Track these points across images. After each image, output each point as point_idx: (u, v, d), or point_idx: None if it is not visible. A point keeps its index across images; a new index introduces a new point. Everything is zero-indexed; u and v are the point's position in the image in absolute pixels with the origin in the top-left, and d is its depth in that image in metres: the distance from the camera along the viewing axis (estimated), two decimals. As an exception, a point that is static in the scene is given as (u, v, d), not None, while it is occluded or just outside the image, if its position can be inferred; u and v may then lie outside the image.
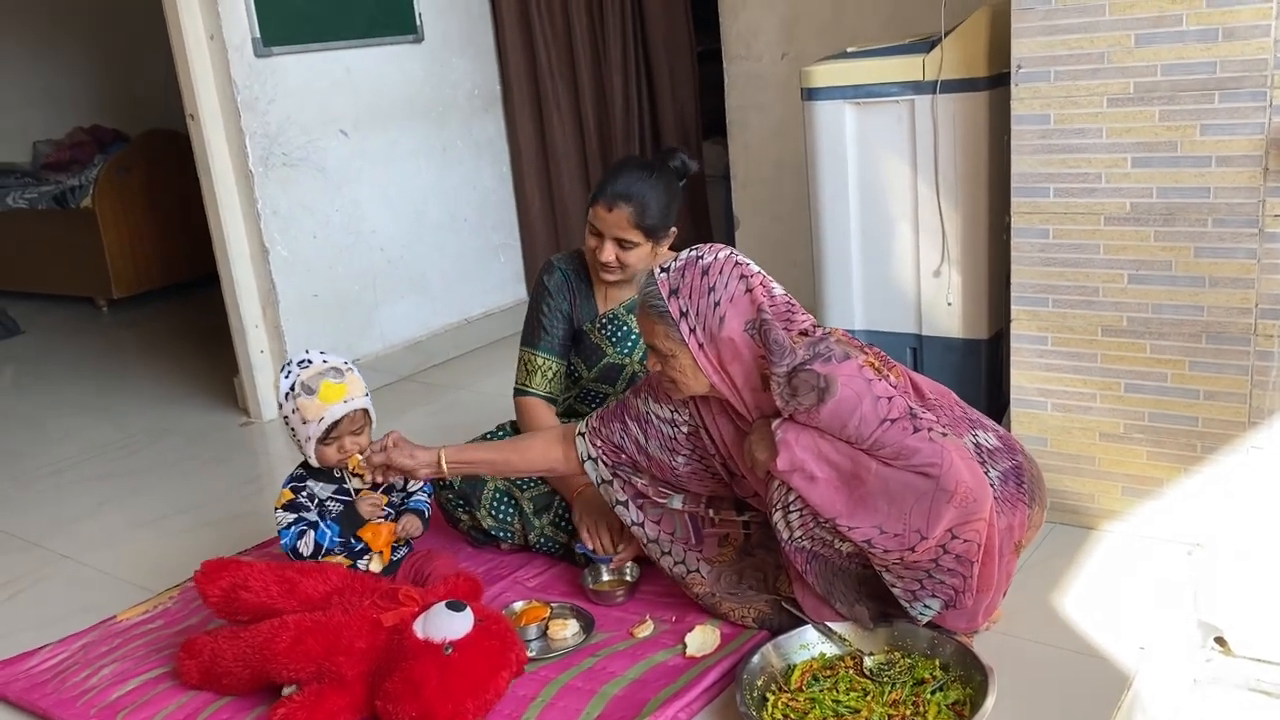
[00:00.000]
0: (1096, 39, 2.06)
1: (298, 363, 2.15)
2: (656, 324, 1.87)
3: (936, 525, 1.68)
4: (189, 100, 3.32)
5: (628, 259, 2.29)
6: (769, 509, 1.85)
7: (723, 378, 1.86)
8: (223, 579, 2.00)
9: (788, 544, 1.84)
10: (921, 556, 1.73)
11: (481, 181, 4.16)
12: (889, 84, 2.51)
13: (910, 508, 1.68)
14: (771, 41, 3.59)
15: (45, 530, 2.86)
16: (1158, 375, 2.16)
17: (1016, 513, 1.85)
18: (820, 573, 1.86)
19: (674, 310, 1.85)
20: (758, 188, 3.78)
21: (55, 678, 2.08)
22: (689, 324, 1.84)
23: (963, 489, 1.67)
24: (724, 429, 1.96)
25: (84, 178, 5.39)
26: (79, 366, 4.51)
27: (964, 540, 1.71)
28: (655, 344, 1.89)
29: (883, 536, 1.71)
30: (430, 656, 1.77)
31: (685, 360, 1.86)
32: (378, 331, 3.83)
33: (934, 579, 1.77)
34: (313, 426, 2.10)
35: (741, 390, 1.86)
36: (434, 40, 3.90)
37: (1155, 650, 1.87)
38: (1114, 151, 2.10)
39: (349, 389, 2.13)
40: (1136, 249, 2.12)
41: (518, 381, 2.44)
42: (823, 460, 1.73)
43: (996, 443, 1.91)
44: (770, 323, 1.80)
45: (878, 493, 1.70)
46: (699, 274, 1.85)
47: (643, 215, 2.25)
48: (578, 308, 2.43)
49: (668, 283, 1.87)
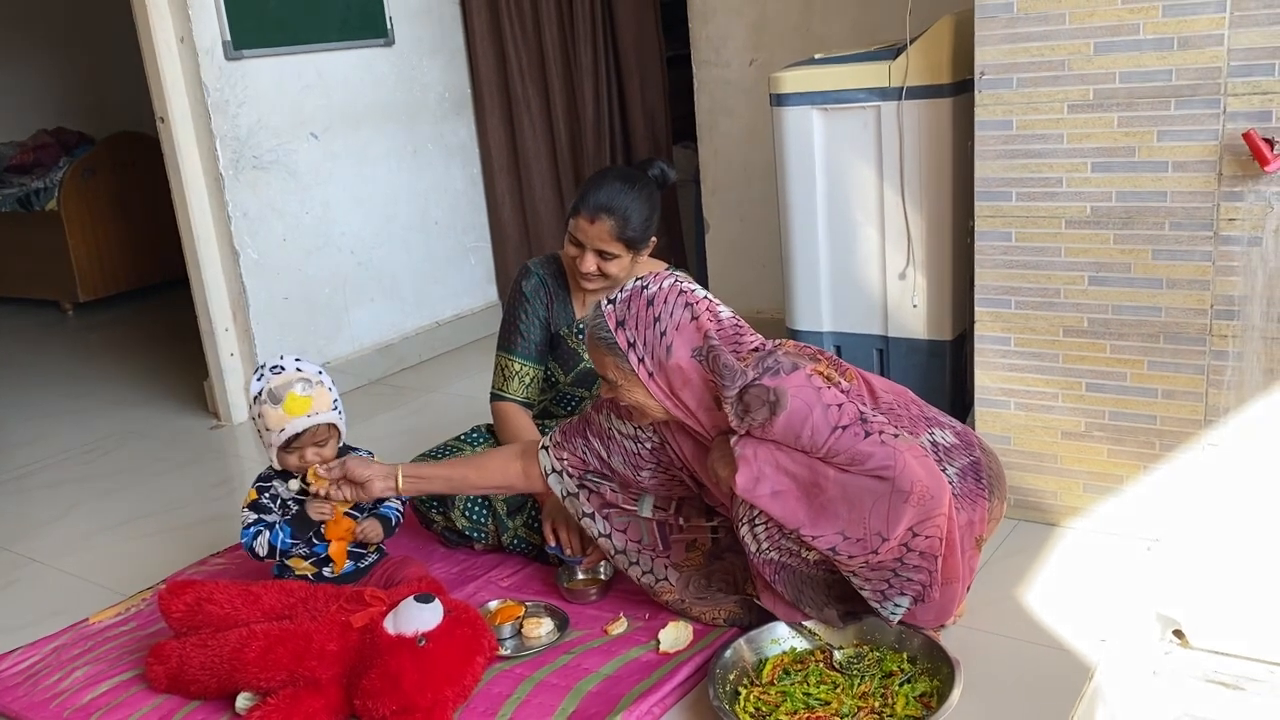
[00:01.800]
0: (1057, 47, 2.11)
1: (270, 368, 2.13)
2: (606, 355, 1.89)
3: (896, 526, 1.71)
4: (159, 103, 3.31)
5: (608, 269, 2.30)
6: (735, 523, 1.88)
7: (675, 403, 1.87)
8: (187, 594, 2.01)
9: (756, 556, 1.87)
10: (885, 557, 1.76)
11: (452, 184, 4.18)
12: (856, 90, 2.55)
13: (869, 511, 1.71)
14: (740, 47, 3.64)
15: (12, 534, 2.84)
16: (1118, 375, 2.21)
17: (977, 508, 1.89)
18: (789, 581, 1.89)
19: (621, 342, 1.86)
20: (727, 192, 3.82)
21: (27, 680, 2.07)
22: (637, 354, 1.86)
23: (918, 488, 1.70)
24: (685, 446, 1.98)
25: (49, 180, 5.34)
26: (45, 371, 4.47)
27: (926, 537, 1.75)
28: (606, 375, 1.91)
29: (846, 543, 1.74)
30: (405, 650, 1.79)
31: (637, 389, 1.88)
32: (348, 334, 3.83)
33: (900, 577, 1.80)
34: (274, 435, 2.10)
35: (696, 412, 1.88)
36: (405, 43, 3.91)
37: (1116, 643, 1.92)
38: (1074, 156, 2.15)
39: (314, 403, 2.11)
40: (1096, 251, 2.17)
41: (494, 386, 2.45)
42: (782, 472, 1.76)
43: (954, 439, 1.95)
44: (718, 348, 1.82)
45: (838, 499, 1.73)
46: (644, 304, 1.87)
47: (624, 228, 2.25)
48: (554, 313, 2.44)
49: (614, 314, 1.88)
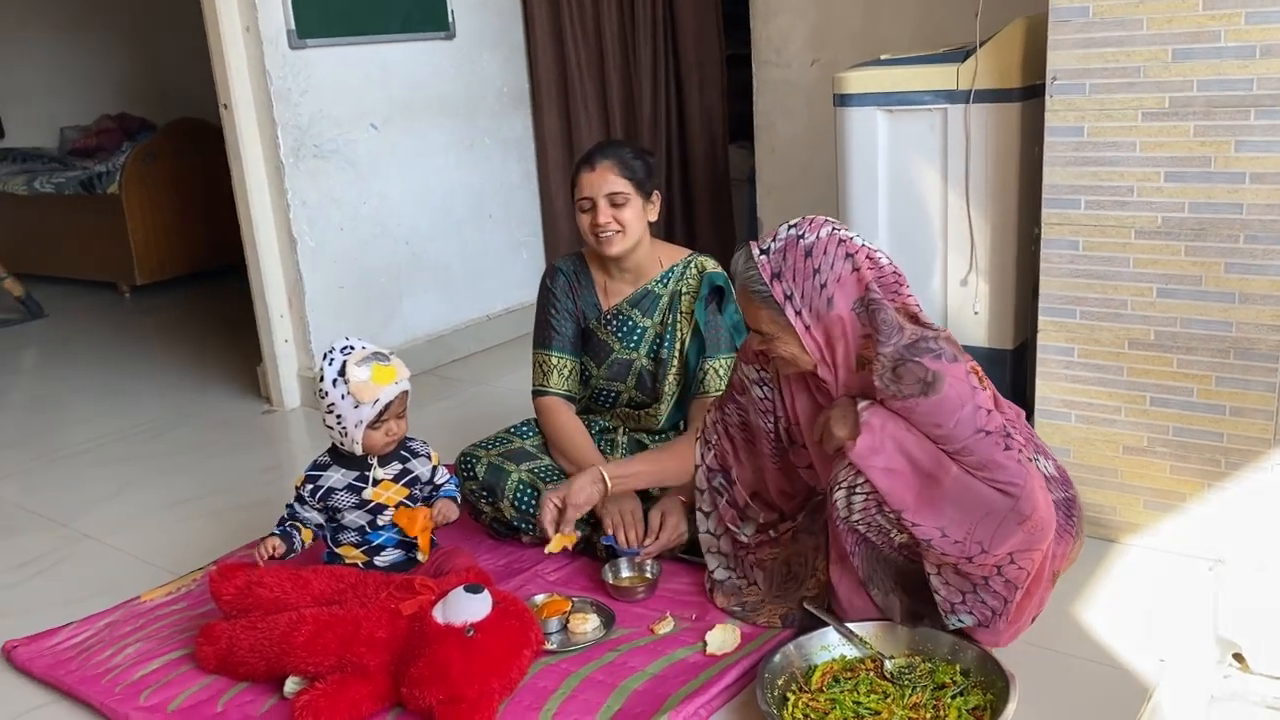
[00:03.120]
0: (1133, 53, 2.06)
1: (340, 349, 2.14)
2: (760, 308, 1.82)
3: (1002, 545, 1.67)
4: (223, 90, 3.35)
5: (623, 217, 2.34)
6: (830, 485, 1.82)
7: (825, 357, 1.82)
8: (237, 578, 2.03)
9: (841, 522, 1.82)
10: (975, 570, 1.72)
11: (507, 178, 4.19)
12: (923, 92, 2.52)
13: (979, 521, 1.67)
14: (802, 48, 3.60)
15: (68, 510, 2.89)
16: (1184, 390, 2.16)
17: (1062, 543, 1.85)
18: (865, 556, 1.85)
19: (778, 294, 1.79)
20: (782, 193, 3.79)
21: (79, 655, 2.10)
22: (794, 307, 1.79)
23: (1036, 517, 1.67)
24: (799, 401, 1.94)
25: (111, 164, 5.43)
26: (101, 351, 4.54)
27: (1018, 567, 1.71)
28: (760, 328, 1.85)
29: (943, 540, 1.70)
30: (453, 640, 1.79)
31: (792, 342, 1.82)
32: (400, 324, 3.85)
33: (977, 595, 1.76)
34: (365, 409, 2.09)
35: (838, 368, 1.82)
36: (466, 37, 3.92)
37: (1174, 664, 1.88)
38: (1147, 165, 2.10)
39: (397, 372, 2.14)
40: (1166, 263, 2.12)
41: (535, 383, 2.47)
42: (901, 453, 1.71)
43: (1054, 471, 1.91)
44: (880, 302, 1.76)
45: (950, 498, 1.69)
46: (802, 254, 1.80)
47: (625, 165, 2.34)
48: (581, 306, 2.48)
49: (769, 265, 1.81)
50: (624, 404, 2.49)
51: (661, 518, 2.22)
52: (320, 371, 2.13)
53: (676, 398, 2.47)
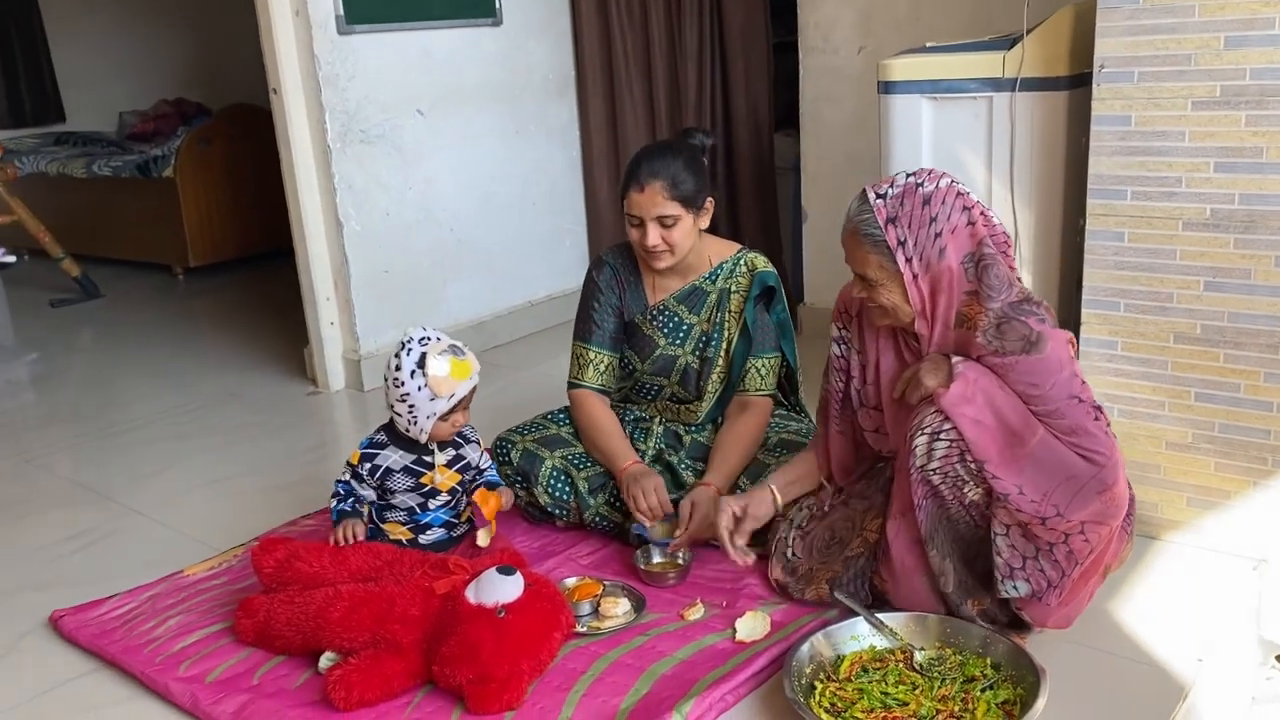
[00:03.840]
0: (1184, 40, 2.02)
1: (419, 339, 2.15)
2: (870, 253, 1.81)
3: (1078, 511, 1.69)
4: (272, 74, 3.39)
5: (672, 238, 2.27)
6: (910, 433, 1.80)
7: (926, 309, 1.82)
8: (277, 551, 2.07)
9: (916, 471, 1.80)
10: (1045, 533, 1.73)
11: (552, 165, 4.20)
12: (968, 80, 2.48)
13: (1059, 485, 1.69)
14: (849, 35, 3.57)
15: (118, 486, 2.95)
16: (1230, 385, 2.12)
17: (1119, 539, 1.86)
18: (931, 513, 1.83)
19: (891, 239, 1.78)
20: (827, 181, 3.76)
21: (123, 626, 2.15)
22: (905, 253, 1.78)
23: (1117, 489, 1.69)
24: (884, 358, 1.95)
25: (167, 148, 5.53)
26: (154, 332, 4.64)
27: (1085, 539, 1.72)
28: (866, 272, 1.84)
29: (1021, 496, 1.71)
30: (484, 620, 1.81)
31: (896, 290, 1.82)
32: (444, 309, 3.88)
33: (1039, 563, 1.77)
34: (440, 403, 2.13)
35: (936, 322, 1.82)
36: (512, 23, 3.94)
37: (1213, 664, 1.84)
38: (1196, 156, 2.06)
39: (473, 366, 2.18)
40: (1215, 256, 2.08)
41: (570, 375, 2.47)
42: (991, 408, 1.72)
43: None
44: (993, 257, 1.77)
45: (1033, 460, 1.71)
46: (919, 202, 1.78)
47: (675, 185, 2.23)
48: (627, 300, 2.44)
49: (884, 210, 1.79)
50: (666, 398, 2.47)
51: (691, 508, 2.21)
52: (396, 360, 2.15)
53: (719, 395, 2.46)
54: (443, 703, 1.83)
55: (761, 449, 2.36)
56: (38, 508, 2.84)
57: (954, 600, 1.87)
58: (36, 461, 3.18)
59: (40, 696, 1.98)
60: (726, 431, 2.37)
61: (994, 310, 1.75)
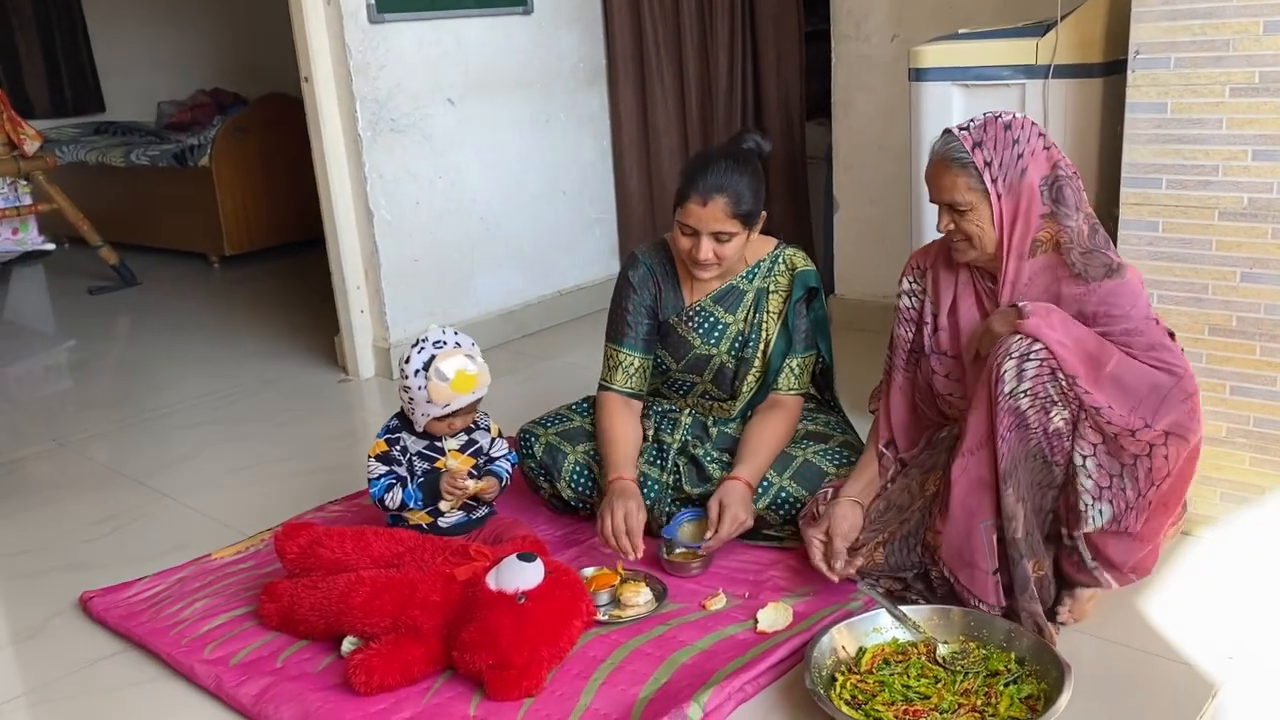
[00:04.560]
0: (1222, 25, 1.98)
1: (433, 342, 2.14)
2: (959, 176, 1.91)
3: (1165, 418, 1.77)
4: (304, 63, 3.41)
5: (724, 252, 2.22)
6: (997, 361, 1.83)
7: (1007, 235, 1.91)
8: (301, 536, 2.08)
9: (1006, 399, 1.82)
10: (1132, 444, 1.79)
11: (582, 155, 4.19)
12: (1000, 67, 2.45)
13: (1144, 398, 1.78)
14: (882, 22, 3.53)
15: (149, 470, 2.99)
16: (1266, 379, 2.07)
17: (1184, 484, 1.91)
18: (1014, 446, 1.83)
19: (978, 160, 1.89)
20: (859, 170, 3.73)
21: (151, 607, 2.18)
22: (992, 174, 1.89)
23: (1197, 400, 1.80)
24: (962, 304, 2.02)
25: (203, 138, 5.58)
26: (189, 319, 4.69)
27: (1165, 456, 1.79)
28: (954, 198, 1.92)
29: (1111, 411, 1.79)
30: (505, 606, 1.81)
31: (984, 212, 1.91)
32: (473, 298, 3.89)
33: (1123, 481, 1.81)
34: (435, 408, 2.14)
35: (1011, 253, 1.91)
36: (542, 12, 3.93)
37: (1243, 662, 1.81)
38: (1234, 144, 2.02)
39: (479, 379, 2.15)
40: (1252, 246, 2.04)
41: (601, 376, 2.43)
42: (1069, 335, 1.81)
43: None
44: (1067, 178, 1.88)
45: (1113, 380, 1.79)
46: (1001, 128, 1.91)
47: (738, 204, 2.17)
48: (662, 301, 2.39)
49: (970, 137, 1.91)
50: (698, 394, 2.44)
51: (720, 507, 2.16)
52: (409, 353, 2.16)
53: (753, 395, 2.41)
54: (462, 688, 1.84)
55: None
56: (71, 491, 2.88)
57: (1015, 553, 1.84)
58: (71, 445, 3.23)
59: (69, 676, 2.01)
60: (756, 425, 2.32)
61: (1071, 228, 1.86)
